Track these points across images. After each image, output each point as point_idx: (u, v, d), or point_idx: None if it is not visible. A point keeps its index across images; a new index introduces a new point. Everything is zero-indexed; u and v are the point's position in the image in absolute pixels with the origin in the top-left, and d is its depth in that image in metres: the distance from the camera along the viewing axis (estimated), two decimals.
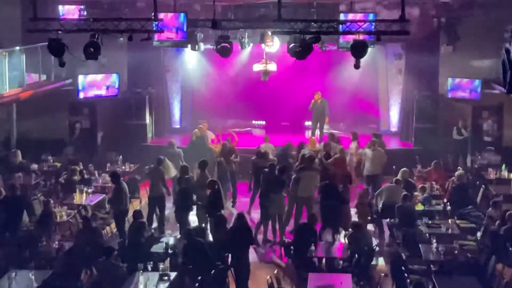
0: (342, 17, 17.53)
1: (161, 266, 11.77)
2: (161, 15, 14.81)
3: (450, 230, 14.01)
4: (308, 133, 22.53)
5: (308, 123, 22.85)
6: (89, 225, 13.53)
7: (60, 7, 19.10)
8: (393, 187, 15.69)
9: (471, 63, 21.08)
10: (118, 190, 15.08)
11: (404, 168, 16.60)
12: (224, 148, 18.32)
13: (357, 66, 13.44)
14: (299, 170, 15.84)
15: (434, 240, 12.92)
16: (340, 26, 13.57)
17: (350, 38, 13.83)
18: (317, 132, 21.60)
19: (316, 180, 15.91)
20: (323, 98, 21.52)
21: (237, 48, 18.32)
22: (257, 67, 18.46)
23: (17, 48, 18.38)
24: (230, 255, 12.76)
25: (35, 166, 18.53)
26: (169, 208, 16.66)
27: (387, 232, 15.46)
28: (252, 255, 14.81)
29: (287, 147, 18.33)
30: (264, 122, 24.39)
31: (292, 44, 14.22)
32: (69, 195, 16.38)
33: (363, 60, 13.42)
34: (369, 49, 13.45)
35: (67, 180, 17.06)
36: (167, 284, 11.44)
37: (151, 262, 11.93)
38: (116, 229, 15.22)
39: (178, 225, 15.37)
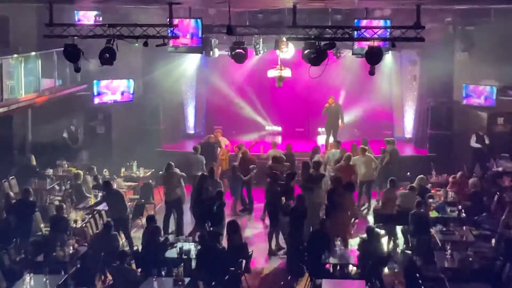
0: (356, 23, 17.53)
1: (175, 271, 11.78)
2: (176, 21, 14.84)
3: (464, 237, 13.96)
4: (321, 139, 22.48)
5: (321, 129, 22.83)
6: (108, 230, 13.46)
7: (76, 13, 19.19)
8: (407, 194, 15.63)
9: (486, 69, 20.95)
10: (116, 197, 15.07)
11: (421, 175, 16.56)
12: (245, 156, 18.39)
13: (372, 72, 13.42)
14: (317, 176, 15.88)
15: (449, 247, 12.87)
16: (355, 32, 13.55)
17: (365, 44, 13.80)
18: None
19: (327, 185, 16.02)
20: (337, 102, 21.53)
21: (252, 54, 18.35)
22: (272, 73, 18.47)
23: (33, 53, 18.48)
24: (244, 260, 12.75)
25: (50, 171, 18.62)
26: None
27: (401, 239, 15.42)
28: (265, 261, 14.86)
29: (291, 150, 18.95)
30: (280, 128, 24.34)
31: (307, 50, 14.22)
32: (83, 200, 16.45)
33: (377, 67, 13.38)
34: (384, 55, 13.42)
35: (76, 185, 17.10)
36: None
37: (165, 267, 11.93)
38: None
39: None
